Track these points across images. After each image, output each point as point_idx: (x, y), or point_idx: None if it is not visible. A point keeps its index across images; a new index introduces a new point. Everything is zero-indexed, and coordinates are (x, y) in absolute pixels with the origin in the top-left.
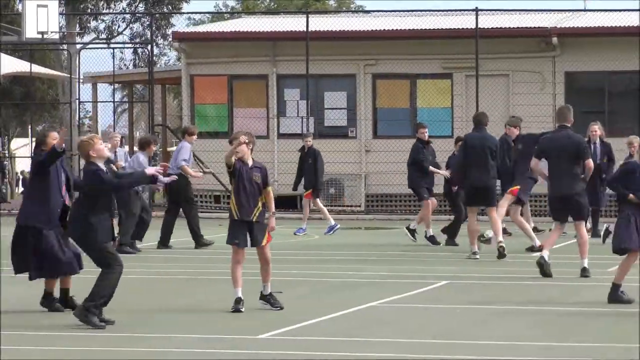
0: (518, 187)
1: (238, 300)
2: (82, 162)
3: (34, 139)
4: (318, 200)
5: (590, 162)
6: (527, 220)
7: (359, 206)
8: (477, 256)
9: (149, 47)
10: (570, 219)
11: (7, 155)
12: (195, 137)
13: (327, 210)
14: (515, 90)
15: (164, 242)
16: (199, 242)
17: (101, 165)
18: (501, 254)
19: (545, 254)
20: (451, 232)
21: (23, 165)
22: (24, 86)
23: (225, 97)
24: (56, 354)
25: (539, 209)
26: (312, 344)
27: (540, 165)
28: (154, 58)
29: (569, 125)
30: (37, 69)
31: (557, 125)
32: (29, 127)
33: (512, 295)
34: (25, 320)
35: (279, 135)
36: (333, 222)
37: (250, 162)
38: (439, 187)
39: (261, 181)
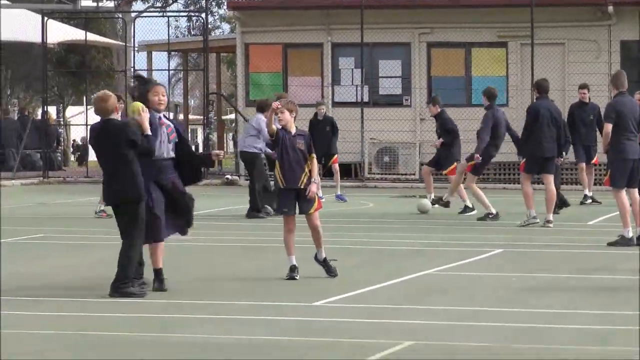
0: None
1: (292, 268)
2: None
3: (89, 107)
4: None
5: None
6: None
7: (414, 174)
8: (537, 220)
9: (204, 15)
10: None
11: (62, 123)
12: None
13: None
14: (571, 59)
15: (255, 209)
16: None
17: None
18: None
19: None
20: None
21: (78, 133)
22: (79, 54)
23: (279, 66)
24: (121, 320)
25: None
26: (367, 311)
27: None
28: (209, 26)
29: (625, 90)
30: (92, 37)
31: (618, 91)
32: (84, 96)
33: (567, 263)
34: (91, 288)
35: (334, 104)
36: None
37: (293, 130)
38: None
39: (305, 148)
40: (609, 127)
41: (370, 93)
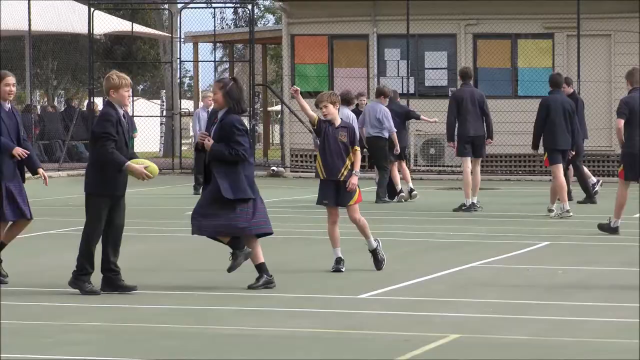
0: None
1: (338, 260)
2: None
3: (135, 98)
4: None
5: None
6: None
7: (459, 166)
8: (570, 213)
9: (250, 6)
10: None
11: None
12: (388, 99)
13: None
14: (617, 51)
15: (380, 197)
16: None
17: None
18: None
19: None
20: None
21: None
22: (125, 46)
23: (325, 57)
24: (162, 311)
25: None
26: (413, 304)
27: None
28: (254, 17)
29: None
30: (139, 28)
31: (632, 87)
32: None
33: (612, 256)
34: (132, 280)
35: None
36: None
37: (337, 122)
38: None
39: (348, 140)
40: (620, 122)
41: (415, 84)
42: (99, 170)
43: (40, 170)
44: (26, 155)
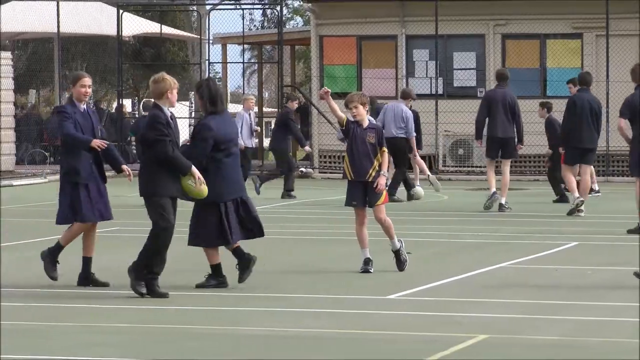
0: None
1: (367, 261)
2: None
3: None
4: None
5: None
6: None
7: None
8: (581, 198)
9: (279, 7)
10: None
11: (137, 115)
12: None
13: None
14: None
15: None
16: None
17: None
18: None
19: None
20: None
21: None
22: (154, 47)
23: (354, 58)
24: (192, 313)
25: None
26: (441, 304)
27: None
28: (283, 19)
29: None
30: (167, 30)
31: (637, 84)
32: None
33: None
34: (162, 281)
35: None
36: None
37: (365, 123)
38: None
39: (376, 141)
40: (621, 121)
41: (444, 85)
42: (154, 172)
43: (124, 167)
44: (105, 146)
